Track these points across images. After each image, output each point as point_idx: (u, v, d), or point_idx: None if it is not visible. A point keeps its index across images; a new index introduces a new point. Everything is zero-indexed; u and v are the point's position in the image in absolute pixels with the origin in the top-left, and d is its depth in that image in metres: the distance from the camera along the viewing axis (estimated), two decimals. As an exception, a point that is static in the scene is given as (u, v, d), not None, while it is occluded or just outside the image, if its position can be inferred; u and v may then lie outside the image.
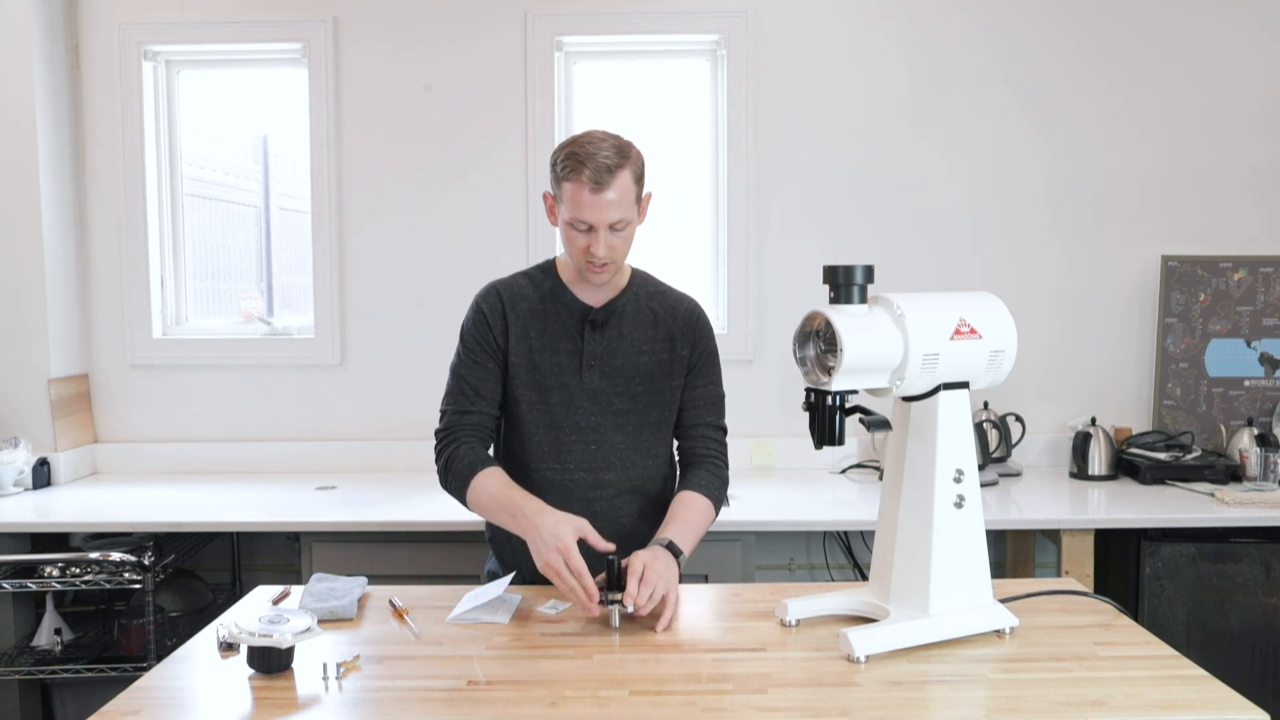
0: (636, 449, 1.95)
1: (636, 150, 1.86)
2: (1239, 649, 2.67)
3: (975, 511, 1.63)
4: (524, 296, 1.94)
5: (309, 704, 1.41)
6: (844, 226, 3.29)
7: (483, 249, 3.30)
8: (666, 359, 1.95)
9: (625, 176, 1.80)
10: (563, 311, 1.93)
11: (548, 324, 1.92)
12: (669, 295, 2.00)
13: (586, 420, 1.91)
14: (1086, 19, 3.24)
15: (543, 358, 1.90)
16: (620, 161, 1.79)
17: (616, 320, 1.93)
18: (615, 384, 1.92)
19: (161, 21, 3.27)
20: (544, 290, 1.94)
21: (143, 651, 2.65)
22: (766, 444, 3.27)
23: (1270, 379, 3.23)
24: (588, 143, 1.80)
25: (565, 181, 1.80)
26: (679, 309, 1.98)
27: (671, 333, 1.96)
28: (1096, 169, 3.27)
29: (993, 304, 1.66)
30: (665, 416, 1.97)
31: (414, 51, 3.28)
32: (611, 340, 1.92)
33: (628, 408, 1.93)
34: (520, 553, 1.87)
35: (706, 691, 1.44)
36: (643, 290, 1.98)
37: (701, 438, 1.99)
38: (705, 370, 1.99)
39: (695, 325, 1.98)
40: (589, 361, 1.91)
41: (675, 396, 1.97)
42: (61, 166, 3.21)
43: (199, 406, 3.35)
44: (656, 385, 1.94)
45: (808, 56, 3.26)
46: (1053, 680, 1.46)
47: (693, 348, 1.97)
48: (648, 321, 1.95)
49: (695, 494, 1.92)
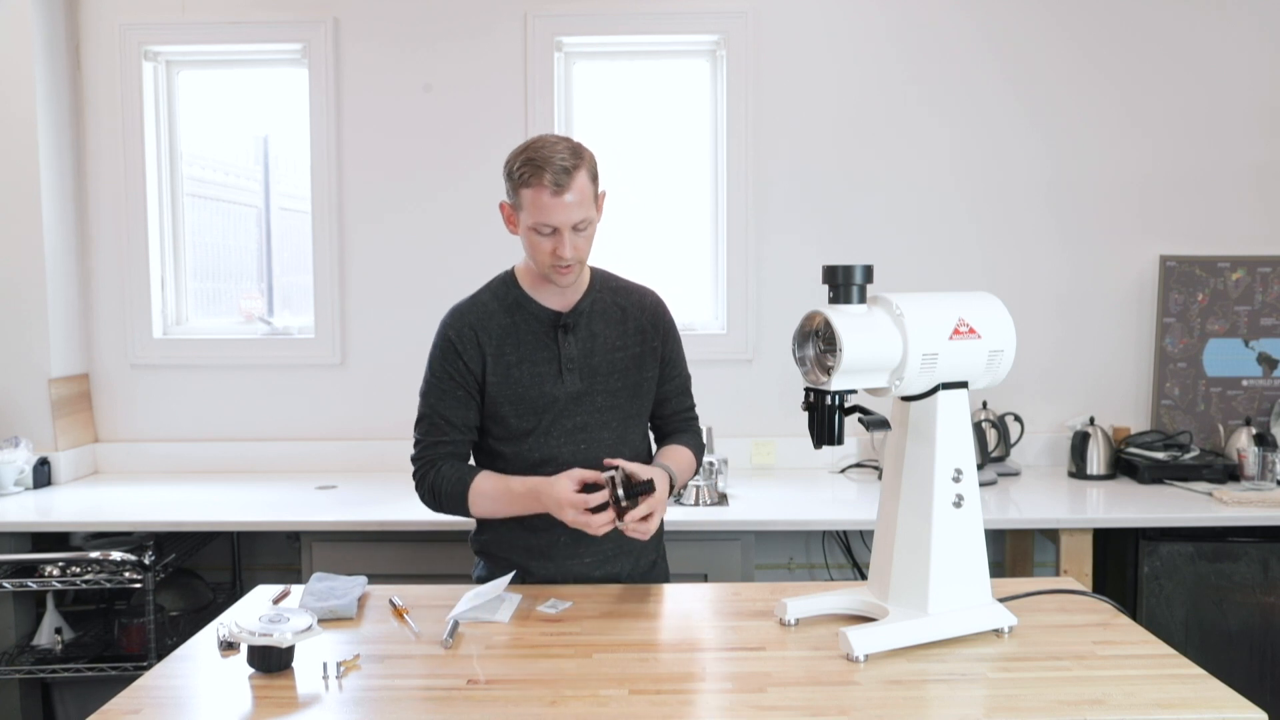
0: (624, 441, 1.97)
1: (589, 151, 1.89)
2: (1237, 648, 2.67)
3: (974, 511, 1.63)
4: (491, 314, 1.94)
5: (309, 703, 1.42)
6: (843, 226, 3.29)
7: (482, 249, 3.30)
8: (639, 351, 1.99)
9: (582, 176, 1.82)
10: (532, 321, 1.94)
11: (520, 337, 1.93)
12: (632, 290, 2.04)
13: (573, 422, 1.93)
14: (1086, 19, 3.25)
15: (521, 370, 1.91)
16: (576, 162, 1.81)
17: (587, 321, 1.96)
18: (595, 383, 1.94)
19: (162, 22, 3.27)
20: (509, 303, 1.95)
21: (143, 651, 2.65)
22: (766, 443, 3.28)
23: (1268, 379, 3.23)
24: (542, 147, 1.82)
25: (524, 188, 1.82)
26: (644, 302, 2.03)
27: (641, 325, 2.00)
28: (1096, 169, 3.28)
29: (991, 304, 1.66)
30: (644, 406, 2.02)
31: (414, 51, 3.28)
32: (585, 341, 1.94)
33: (610, 404, 1.95)
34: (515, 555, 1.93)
35: (706, 691, 1.45)
36: (605, 288, 2.01)
37: (683, 419, 2.10)
38: (675, 360, 2.06)
39: (662, 317, 2.04)
40: (567, 365, 1.92)
41: (651, 387, 2.02)
42: (62, 166, 3.21)
43: (199, 406, 3.35)
44: (633, 379, 1.98)
45: (808, 56, 3.27)
46: (1051, 679, 1.47)
47: (664, 340, 2.02)
48: (616, 318, 1.98)
49: (683, 447, 2.04)
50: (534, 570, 1.95)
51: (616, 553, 1.98)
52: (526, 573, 1.94)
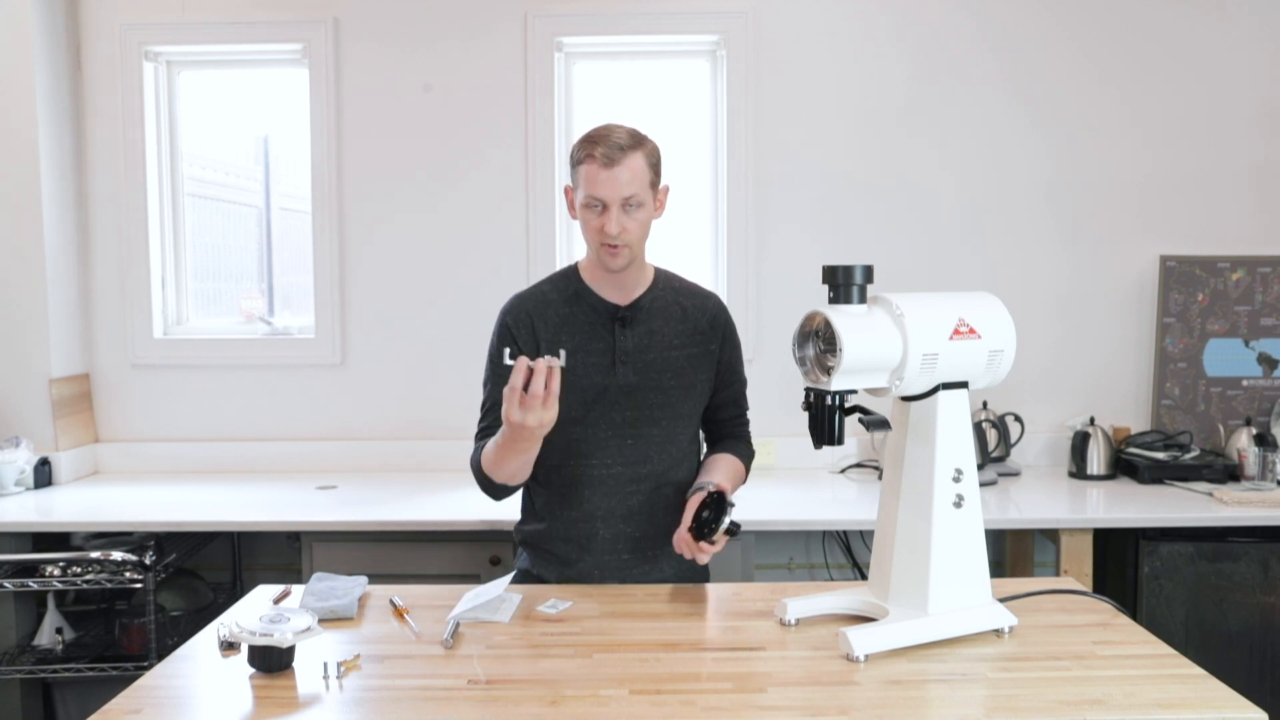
0: (672, 441, 1.98)
1: (653, 143, 1.92)
2: (1237, 648, 2.67)
3: (974, 511, 1.63)
4: (549, 302, 1.97)
5: (309, 703, 1.42)
6: (843, 226, 3.29)
7: (483, 249, 3.30)
8: (697, 353, 1.99)
9: (638, 157, 1.85)
10: (590, 312, 1.96)
11: (577, 325, 1.95)
12: (695, 292, 2.06)
13: (622, 415, 1.94)
14: (1086, 20, 3.25)
15: (575, 359, 1.92)
16: (633, 144, 1.85)
17: (645, 316, 1.96)
18: (648, 379, 1.94)
19: (163, 22, 3.27)
20: (568, 294, 1.98)
21: (144, 651, 2.65)
22: (766, 444, 3.27)
23: (1268, 379, 3.23)
24: (603, 129, 1.88)
25: (580, 165, 1.86)
26: (706, 304, 2.04)
27: (700, 327, 2.00)
28: (1095, 169, 3.28)
29: (992, 304, 1.66)
30: (696, 408, 2.02)
31: (414, 52, 3.28)
32: (642, 336, 1.95)
33: (661, 401, 1.95)
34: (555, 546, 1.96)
35: (706, 691, 1.44)
36: (668, 287, 2.02)
37: (737, 425, 2.11)
38: (733, 367, 2.07)
39: (723, 322, 2.05)
40: (621, 358, 1.93)
41: (706, 390, 2.02)
42: (63, 166, 3.21)
43: (199, 406, 3.35)
44: (688, 379, 1.98)
45: (808, 57, 3.27)
46: (1051, 679, 1.47)
47: (722, 344, 2.03)
48: (676, 316, 1.99)
49: (735, 458, 2.04)
50: (572, 563, 1.96)
51: (657, 553, 1.98)
52: (564, 565, 1.96)
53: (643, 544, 1.97)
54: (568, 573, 1.97)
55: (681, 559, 1.97)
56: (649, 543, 1.97)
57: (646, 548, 1.97)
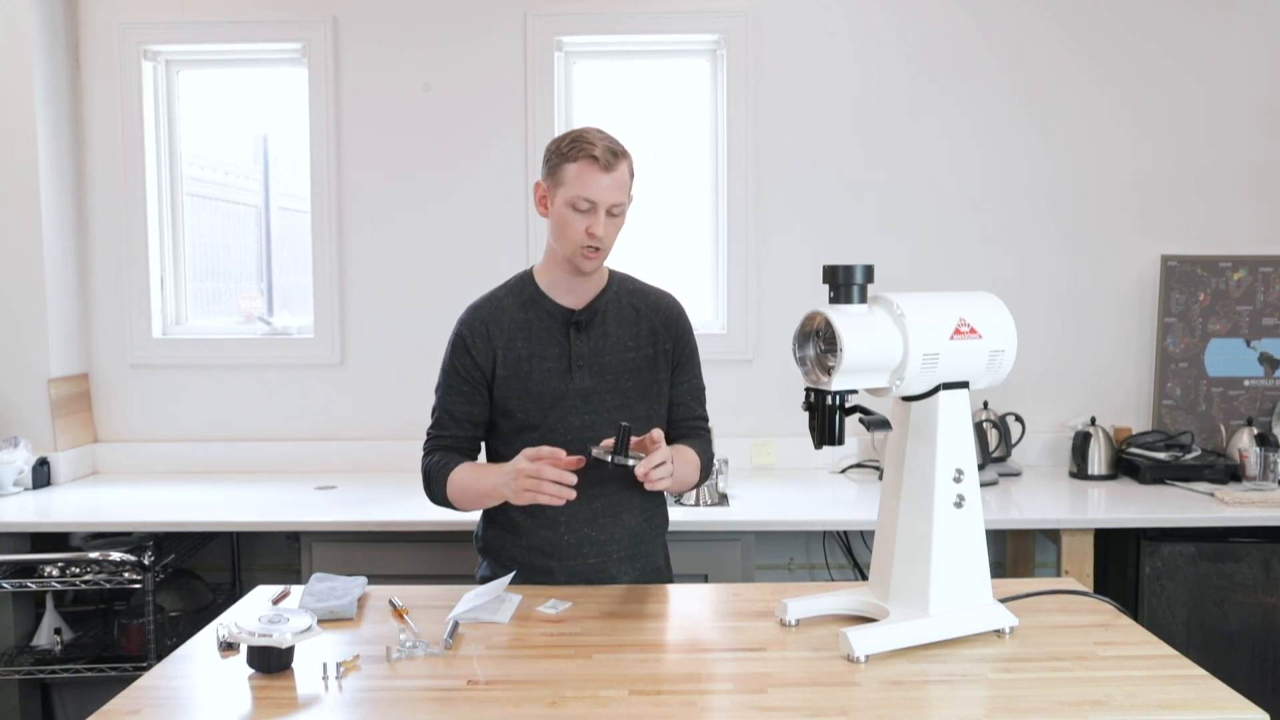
0: None
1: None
2: (1238, 648, 2.67)
3: (975, 511, 1.63)
4: (505, 309, 1.97)
5: (309, 704, 1.41)
6: (844, 226, 3.29)
7: (482, 248, 3.30)
8: (651, 354, 1.98)
9: (625, 166, 1.90)
10: (545, 317, 1.95)
11: (532, 331, 1.94)
12: (649, 292, 2.05)
13: (580, 419, 1.93)
14: (1086, 19, 3.24)
15: (531, 365, 1.93)
16: (623, 151, 1.90)
17: (600, 320, 1.96)
18: (605, 382, 1.94)
19: (161, 21, 3.27)
20: (523, 299, 1.97)
21: (143, 651, 2.65)
22: (766, 444, 3.27)
23: (1270, 379, 3.23)
24: (591, 130, 1.90)
25: (571, 163, 1.85)
26: (660, 305, 2.03)
27: (654, 328, 2.00)
28: (1096, 169, 3.27)
29: (992, 304, 1.66)
30: (655, 410, 2.00)
31: (414, 51, 3.28)
32: (597, 340, 1.95)
33: (619, 403, 1.95)
34: (518, 554, 1.94)
35: (706, 691, 1.44)
36: (622, 289, 2.02)
37: (691, 427, 2.06)
38: (689, 366, 2.05)
39: (677, 321, 2.03)
40: (577, 362, 1.93)
41: (663, 390, 2.01)
42: (61, 166, 3.21)
43: (199, 406, 3.35)
44: (644, 380, 1.97)
45: (808, 56, 3.26)
46: (1052, 680, 1.46)
47: (675, 343, 2.02)
48: (630, 318, 1.98)
49: (688, 448, 1.99)
50: (538, 570, 1.95)
51: (622, 556, 1.97)
52: (531, 572, 1.94)
53: (608, 547, 1.96)
54: (532, 579, 1.95)
55: (645, 564, 2.01)
56: (615, 546, 1.96)
57: (612, 550, 1.97)
